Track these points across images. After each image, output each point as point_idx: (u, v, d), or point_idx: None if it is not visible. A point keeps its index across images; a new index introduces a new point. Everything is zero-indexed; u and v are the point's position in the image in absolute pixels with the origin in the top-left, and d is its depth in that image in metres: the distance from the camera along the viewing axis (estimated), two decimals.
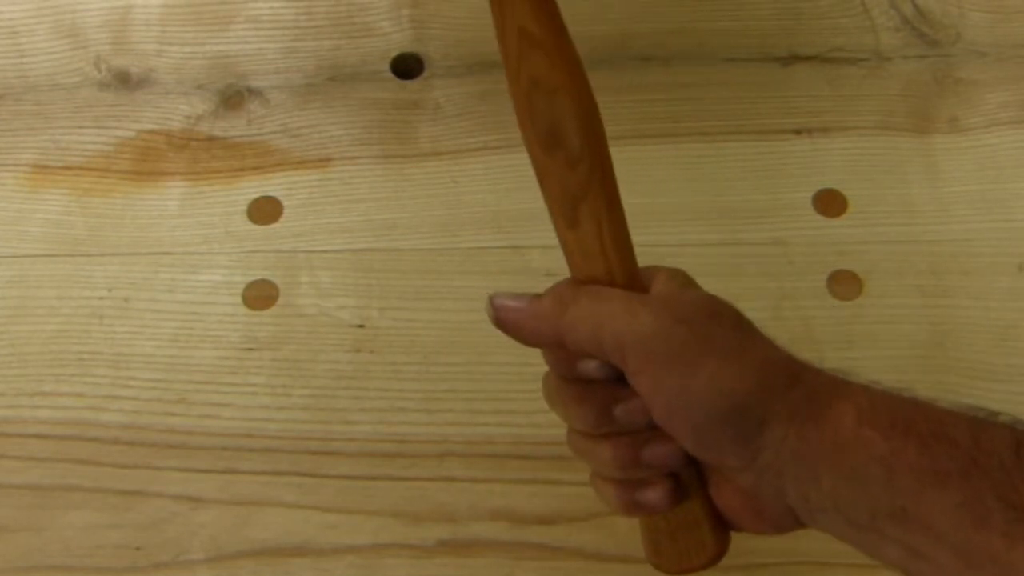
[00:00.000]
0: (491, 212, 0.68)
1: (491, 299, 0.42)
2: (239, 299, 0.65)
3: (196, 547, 0.56)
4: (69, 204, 0.69)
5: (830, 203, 0.68)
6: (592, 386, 0.41)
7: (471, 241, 0.66)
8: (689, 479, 0.42)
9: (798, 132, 0.71)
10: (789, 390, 0.37)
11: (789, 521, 0.39)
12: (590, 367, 0.41)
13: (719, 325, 0.39)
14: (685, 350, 0.37)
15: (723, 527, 0.42)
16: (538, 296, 0.41)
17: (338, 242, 0.67)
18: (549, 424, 0.55)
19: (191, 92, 0.74)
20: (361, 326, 0.63)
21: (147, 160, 0.71)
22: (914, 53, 0.73)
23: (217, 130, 0.72)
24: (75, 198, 0.70)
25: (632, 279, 0.41)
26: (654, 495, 0.41)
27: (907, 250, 0.65)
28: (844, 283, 0.64)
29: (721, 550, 0.42)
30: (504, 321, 0.42)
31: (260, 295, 0.65)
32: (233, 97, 0.74)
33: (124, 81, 0.74)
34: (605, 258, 0.41)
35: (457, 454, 0.58)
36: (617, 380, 0.40)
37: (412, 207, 0.68)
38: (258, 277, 0.66)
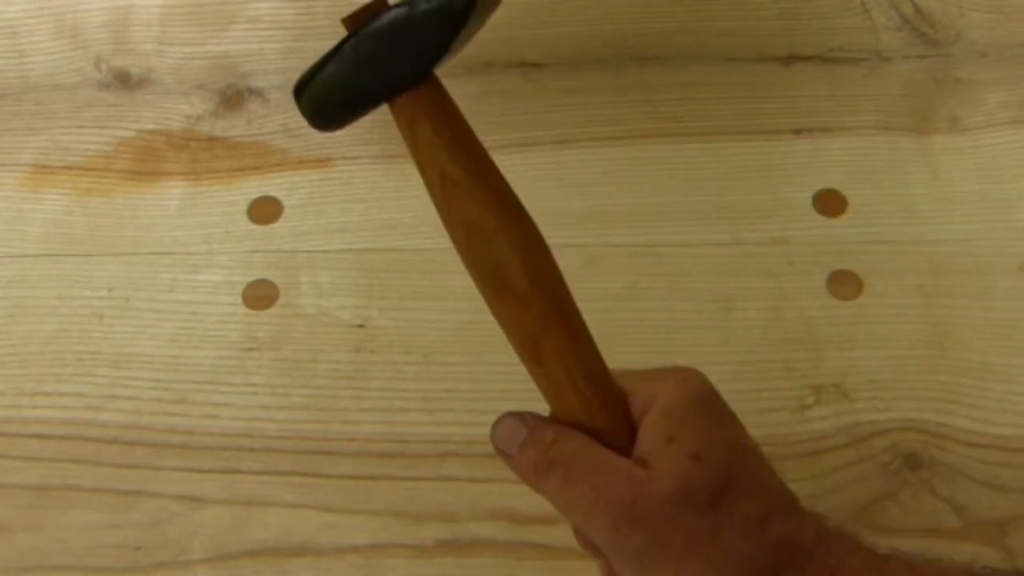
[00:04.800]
0: None
1: (494, 428, 0.42)
2: (239, 299, 0.65)
3: (196, 547, 0.56)
4: (69, 204, 0.70)
5: (830, 203, 0.68)
6: None
7: None
8: None
9: (798, 132, 0.71)
10: None
11: None
12: None
13: (684, 515, 0.35)
14: (639, 559, 0.36)
15: None
16: (520, 445, 0.40)
17: (338, 242, 0.67)
18: None
19: (191, 92, 0.74)
20: (361, 326, 0.63)
21: (147, 160, 0.71)
22: (914, 53, 0.73)
23: (217, 130, 0.72)
24: (75, 198, 0.70)
25: (611, 411, 0.39)
26: None
27: (907, 250, 0.65)
28: (844, 283, 0.64)
29: None
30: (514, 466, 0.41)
31: (260, 295, 0.65)
32: (233, 97, 0.74)
33: (124, 81, 0.75)
34: (578, 393, 0.39)
35: (457, 454, 0.58)
36: None
37: (412, 207, 0.68)
38: (258, 277, 0.66)
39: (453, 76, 0.72)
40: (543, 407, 0.54)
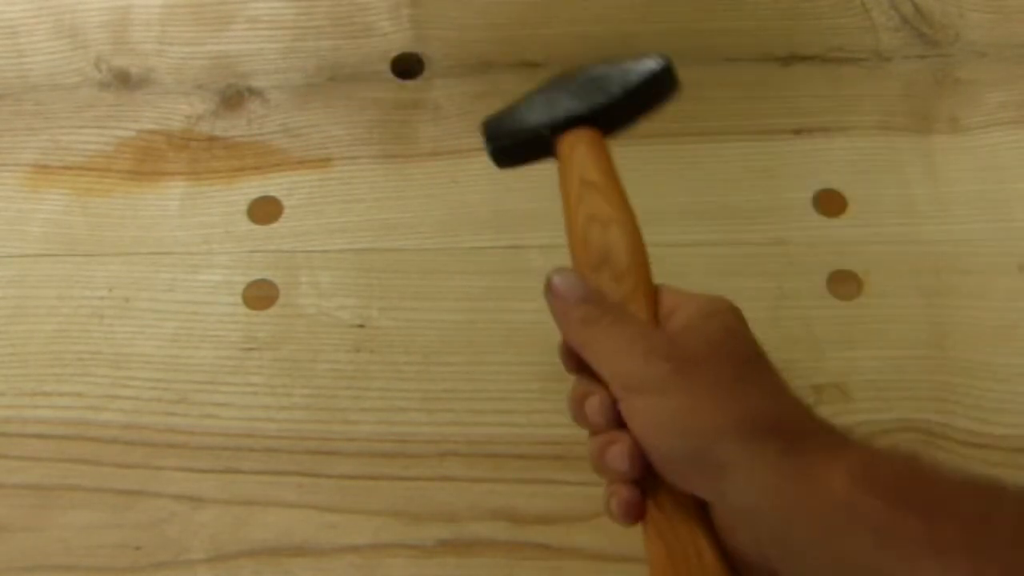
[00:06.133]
0: (491, 212, 0.68)
1: (551, 278, 0.45)
2: (239, 299, 0.65)
3: (196, 547, 0.56)
4: (69, 204, 0.70)
5: (830, 203, 0.68)
6: (583, 372, 0.43)
7: (471, 241, 0.66)
8: (683, 510, 0.41)
9: (798, 132, 0.71)
10: (765, 440, 0.37)
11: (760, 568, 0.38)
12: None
13: (712, 363, 0.39)
14: (662, 385, 0.39)
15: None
16: (579, 298, 0.44)
17: (338, 242, 0.67)
18: (549, 424, 0.56)
19: (191, 92, 0.74)
20: (361, 326, 0.63)
21: (147, 160, 0.71)
22: (914, 53, 0.73)
23: (217, 130, 0.72)
24: (75, 198, 0.70)
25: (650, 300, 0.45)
26: (614, 501, 0.41)
27: (907, 250, 0.65)
28: (844, 283, 0.64)
29: None
30: (550, 304, 0.45)
31: (260, 295, 0.65)
32: (233, 97, 0.74)
33: (124, 81, 0.75)
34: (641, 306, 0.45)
35: (457, 454, 0.58)
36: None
37: (412, 207, 0.68)
38: (258, 277, 0.66)
39: (454, 76, 0.73)
40: (542, 407, 0.54)
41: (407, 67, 0.74)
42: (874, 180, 0.68)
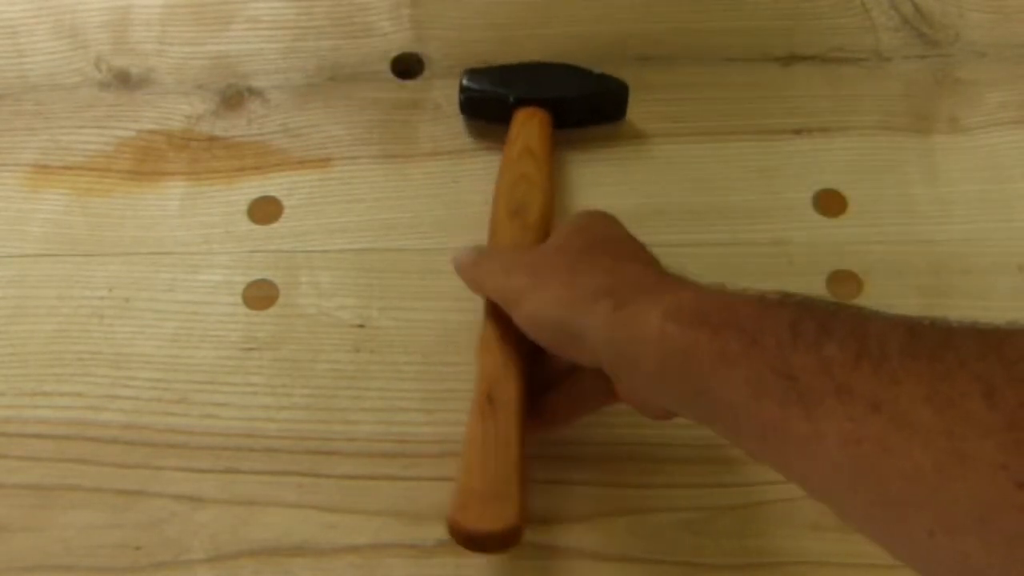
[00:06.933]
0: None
1: (456, 256, 0.59)
2: (239, 299, 0.65)
3: (196, 547, 0.56)
4: (69, 204, 0.70)
5: (830, 203, 0.68)
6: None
7: (471, 241, 0.66)
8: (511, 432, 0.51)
9: (798, 132, 0.71)
10: (598, 303, 0.45)
11: (660, 410, 0.47)
12: None
13: (553, 263, 0.51)
14: (522, 294, 0.50)
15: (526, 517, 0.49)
16: (468, 251, 0.58)
17: (338, 242, 0.67)
18: None
19: (191, 92, 0.74)
20: (361, 326, 0.63)
21: (147, 160, 0.71)
22: (914, 53, 0.73)
23: (217, 130, 0.72)
24: (75, 198, 0.70)
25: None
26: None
27: (907, 250, 0.65)
28: (844, 283, 0.64)
29: (521, 526, 0.48)
30: (456, 268, 0.58)
31: (260, 295, 0.65)
32: (233, 97, 0.74)
33: (124, 81, 0.75)
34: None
35: (457, 454, 0.58)
36: None
37: (412, 207, 0.68)
38: (258, 277, 0.66)
39: (454, 76, 0.73)
40: None
41: (407, 67, 0.74)
42: (874, 180, 0.68)
